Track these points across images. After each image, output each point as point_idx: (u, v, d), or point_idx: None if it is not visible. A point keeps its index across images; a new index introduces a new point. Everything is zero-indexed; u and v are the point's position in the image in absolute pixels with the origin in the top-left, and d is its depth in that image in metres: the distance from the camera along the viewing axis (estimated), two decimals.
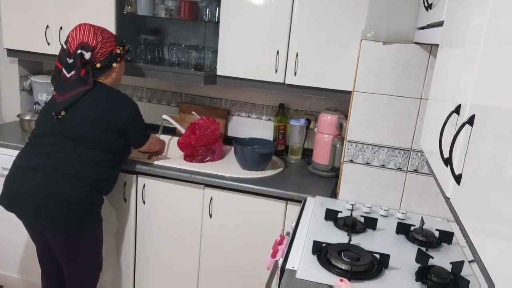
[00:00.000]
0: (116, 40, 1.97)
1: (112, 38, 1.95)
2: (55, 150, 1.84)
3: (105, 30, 1.95)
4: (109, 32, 1.97)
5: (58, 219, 1.83)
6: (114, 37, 1.98)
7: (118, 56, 1.95)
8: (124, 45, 2.00)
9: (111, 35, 1.98)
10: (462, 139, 0.81)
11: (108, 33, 1.96)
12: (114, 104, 1.91)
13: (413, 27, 1.80)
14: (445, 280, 1.34)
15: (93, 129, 1.85)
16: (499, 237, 0.60)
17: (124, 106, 1.93)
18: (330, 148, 2.20)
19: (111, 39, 1.95)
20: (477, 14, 0.88)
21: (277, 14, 2.13)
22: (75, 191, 1.83)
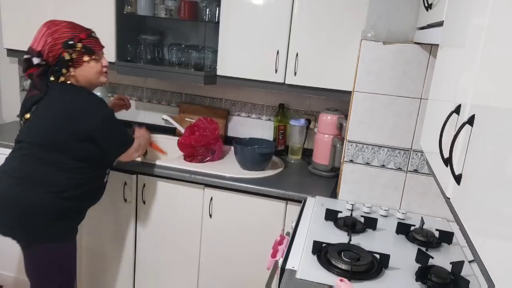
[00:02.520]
0: (64, 43, 1.65)
1: (61, 40, 1.65)
2: (23, 154, 1.71)
3: (59, 30, 1.66)
4: (64, 32, 1.66)
5: (18, 227, 1.67)
6: (65, 38, 1.66)
7: (69, 61, 1.67)
8: (73, 47, 1.66)
9: (64, 35, 1.66)
10: (462, 139, 0.81)
11: (62, 33, 1.66)
12: (81, 109, 1.68)
13: (413, 27, 1.80)
14: (445, 280, 1.34)
15: (58, 134, 1.67)
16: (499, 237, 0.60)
17: (92, 112, 1.69)
18: (330, 148, 2.20)
19: (60, 41, 1.65)
20: (477, 14, 0.87)
21: (277, 14, 2.13)
22: (38, 197, 1.65)
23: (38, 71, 1.66)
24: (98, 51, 1.74)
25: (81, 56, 1.68)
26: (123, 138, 1.81)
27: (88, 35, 1.70)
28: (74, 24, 1.70)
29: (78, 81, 1.72)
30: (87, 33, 1.71)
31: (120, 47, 2.42)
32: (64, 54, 1.65)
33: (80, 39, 1.67)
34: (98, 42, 1.75)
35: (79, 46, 1.66)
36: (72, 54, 1.66)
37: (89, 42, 1.70)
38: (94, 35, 1.74)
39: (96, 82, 1.78)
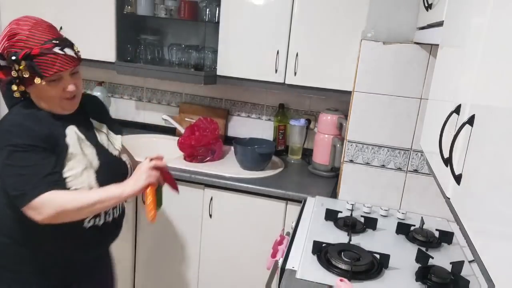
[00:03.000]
0: (9, 56, 1.23)
1: (11, 49, 1.24)
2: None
3: (18, 35, 1.25)
4: (19, 40, 1.24)
5: None
6: (14, 50, 1.23)
7: (16, 78, 1.25)
8: (17, 64, 1.22)
9: (15, 45, 1.24)
10: (462, 139, 0.81)
11: (16, 41, 1.24)
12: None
13: (413, 27, 1.80)
14: (445, 280, 1.34)
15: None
16: (499, 237, 0.60)
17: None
18: (330, 148, 2.20)
19: (9, 51, 1.24)
20: (477, 14, 0.87)
21: (277, 14, 2.13)
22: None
23: (6, 78, 1.28)
24: (49, 75, 1.23)
25: (31, 76, 1.22)
26: (13, 185, 1.21)
27: (44, 51, 1.21)
28: (39, 30, 1.26)
29: (37, 102, 1.31)
30: (46, 47, 1.22)
31: (120, 47, 2.42)
32: (13, 69, 1.24)
33: (27, 55, 1.20)
34: (57, 61, 1.23)
35: (22, 65, 1.21)
36: (18, 71, 1.23)
37: (41, 61, 1.21)
38: (57, 50, 1.24)
39: (55, 108, 1.31)
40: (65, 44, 1.27)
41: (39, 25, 1.28)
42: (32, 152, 1.22)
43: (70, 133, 1.32)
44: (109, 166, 1.39)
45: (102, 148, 1.41)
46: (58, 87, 1.27)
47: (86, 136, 1.37)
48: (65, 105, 1.32)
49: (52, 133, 1.28)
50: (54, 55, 1.23)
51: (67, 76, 1.29)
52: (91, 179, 1.32)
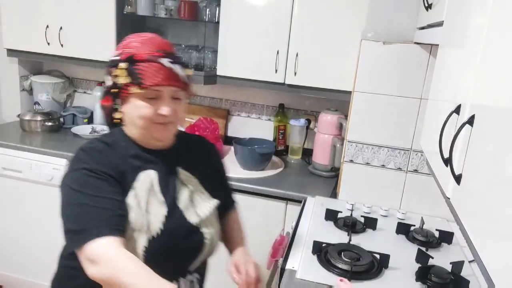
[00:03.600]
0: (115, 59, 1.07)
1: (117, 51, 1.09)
2: None
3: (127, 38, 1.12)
4: (127, 43, 1.10)
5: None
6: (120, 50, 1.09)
7: (113, 87, 1.07)
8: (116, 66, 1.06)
9: (120, 47, 1.11)
10: (462, 139, 0.81)
11: (124, 44, 1.10)
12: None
13: (413, 27, 1.80)
14: (445, 280, 1.34)
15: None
16: (499, 237, 0.60)
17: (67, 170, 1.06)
18: (330, 148, 2.20)
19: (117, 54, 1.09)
20: (477, 14, 0.87)
21: (277, 14, 2.13)
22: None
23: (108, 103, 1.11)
24: (148, 85, 1.02)
25: (127, 85, 1.03)
26: (75, 217, 0.99)
27: (150, 57, 1.03)
28: (154, 42, 1.09)
29: (128, 126, 1.11)
30: (154, 54, 1.04)
31: None
32: (109, 74, 1.08)
33: (130, 58, 1.03)
34: (161, 73, 1.03)
35: (122, 67, 1.04)
36: (115, 77, 1.05)
37: (144, 68, 1.02)
38: (164, 62, 1.04)
39: (145, 134, 1.08)
40: (177, 61, 1.08)
41: (158, 38, 1.11)
42: (107, 182, 1.01)
43: (143, 179, 1.06)
44: (173, 238, 1.07)
45: (176, 209, 1.09)
46: (153, 106, 1.04)
47: (162, 188, 1.08)
48: (156, 131, 1.07)
49: (127, 171, 1.06)
50: (159, 65, 1.03)
51: (167, 97, 1.05)
52: (138, 248, 1.01)
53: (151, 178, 1.08)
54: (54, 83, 2.79)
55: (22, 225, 2.41)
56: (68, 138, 2.56)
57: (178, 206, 1.10)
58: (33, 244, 2.41)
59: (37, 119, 2.59)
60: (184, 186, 1.13)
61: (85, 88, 2.93)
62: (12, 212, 2.42)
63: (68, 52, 2.47)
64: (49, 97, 2.80)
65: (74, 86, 2.95)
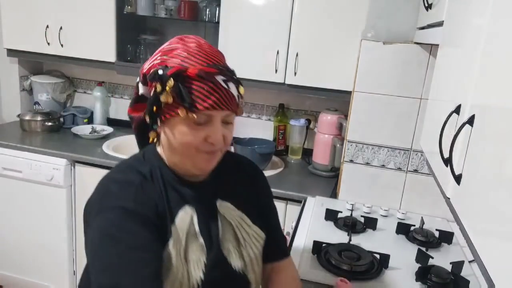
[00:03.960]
0: (154, 70, 0.87)
1: (159, 64, 0.89)
2: None
3: (175, 49, 0.90)
4: (174, 55, 0.89)
5: None
6: (163, 64, 0.88)
7: (155, 104, 0.87)
8: (161, 82, 0.85)
9: (166, 60, 0.89)
10: (462, 139, 0.81)
11: (171, 55, 0.89)
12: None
13: (413, 27, 1.80)
14: (445, 280, 1.34)
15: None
16: (499, 237, 0.60)
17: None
18: (330, 148, 2.20)
19: (156, 66, 0.88)
20: (477, 14, 0.87)
21: (277, 14, 2.13)
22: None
23: (141, 114, 0.93)
24: (202, 108, 0.85)
25: (172, 105, 0.85)
26: (106, 268, 0.79)
27: (203, 74, 0.85)
28: (205, 51, 0.90)
29: (163, 148, 0.94)
30: (208, 70, 0.86)
31: (120, 47, 2.42)
32: (147, 84, 0.91)
33: (179, 73, 0.84)
34: (215, 94, 0.86)
35: (168, 85, 0.84)
36: (159, 93, 0.85)
37: (196, 87, 0.84)
38: (219, 80, 0.88)
39: (185, 163, 0.92)
40: (231, 78, 0.92)
41: (207, 46, 0.93)
42: (147, 227, 0.83)
43: (182, 219, 0.90)
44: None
45: (219, 254, 0.93)
46: (201, 133, 0.87)
47: (201, 228, 0.91)
48: (201, 160, 0.90)
49: (165, 210, 0.88)
50: (213, 85, 0.86)
51: (218, 121, 0.88)
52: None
53: (190, 217, 0.91)
54: (54, 83, 2.79)
55: (22, 225, 2.41)
56: (68, 138, 2.56)
57: (220, 249, 0.93)
58: (33, 244, 2.41)
59: (37, 119, 2.59)
60: (226, 223, 0.96)
61: (85, 88, 2.93)
62: (12, 212, 2.42)
63: (68, 52, 2.47)
64: (49, 97, 2.80)
65: (74, 86, 2.95)
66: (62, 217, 2.34)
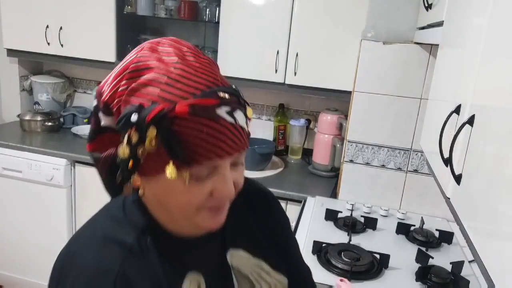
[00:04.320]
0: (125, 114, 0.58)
1: (131, 99, 0.60)
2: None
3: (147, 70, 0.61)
4: (150, 81, 0.60)
5: None
6: (138, 100, 0.59)
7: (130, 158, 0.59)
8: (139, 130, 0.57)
9: (143, 92, 0.60)
10: (462, 139, 0.81)
11: (145, 82, 0.60)
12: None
13: (413, 27, 1.80)
14: (445, 280, 1.34)
15: None
16: (499, 237, 0.60)
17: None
18: (330, 148, 2.20)
19: (125, 102, 0.61)
20: (477, 14, 0.87)
21: (277, 14, 2.13)
22: None
23: (109, 153, 0.68)
24: (202, 163, 0.59)
25: (158, 159, 0.59)
26: None
27: (199, 111, 0.57)
28: (190, 67, 0.62)
29: (149, 202, 0.69)
30: (206, 103, 0.58)
31: (120, 47, 2.42)
32: (123, 139, 0.60)
33: (163, 116, 0.56)
34: (221, 136, 0.59)
35: (151, 135, 0.57)
36: (136, 145, 0.58)
37: (190, 132, 0.57)
38: (223, 114, 0.60)
39: (181, 225, 0.69)
40: (236, 103, 0.63)
41: (192, 56, 0.63)
42: None
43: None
44: None
45: None
46: (204, 187, 0.61)
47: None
48: (204, 220, 0.65)
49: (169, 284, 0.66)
50: (215, 122, 0.58)
51: (227, 168, 0.62)
52: None
53: (197, 285, 0.70)
54: (54, 83, 2.79)
55: (22, 225, 2.41)
56: (68, 138, 2.56)
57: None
58: (33, 244, 2.41)
59: (37, 119, 2.59)
60: (242, 278, 0.75)
61: (85, 88, 2.93)
62: (12, 212, 2.42)
63: (68, 52, 2.47)
64: (49, 97, 2.80)
65: (74, 86, 2.95)
66: (62, 217, 2.34)
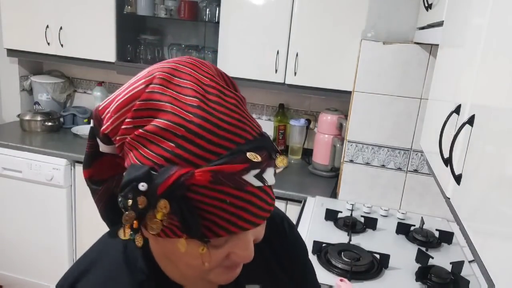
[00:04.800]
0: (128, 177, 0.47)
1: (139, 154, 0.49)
2: None
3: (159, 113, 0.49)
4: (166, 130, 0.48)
5: None
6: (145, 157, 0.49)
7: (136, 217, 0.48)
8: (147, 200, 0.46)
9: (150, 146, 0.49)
10: (462, 139, 0.81)
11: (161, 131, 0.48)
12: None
13: (413, 27, 1.80)
14: (445, 280, 1.34)
15: None
16: (499, 237, 0.60)
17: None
18: (330, 148, 2.20)
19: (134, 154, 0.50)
20: (477, 14, 0.87)
21: (277, 14, 2.13)
22: None
23: (110, 185, 0.63)
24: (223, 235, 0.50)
25: (174, 229, 0.49)
26: None
27: (222, 178, 0.47)
28: (215, 113, 0.49)
29: (155, 252, 0.62)
30: (229, 171, 0.47)
31: (120, 47, 2.42)
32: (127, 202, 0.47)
33: (180, 184, 0.46)
34: (247, 206, 0.49)
35: (162, 208, 0.46)
36: (145, 210, 0.47)
37: (207, 200, 0.47)
38: (251, 180, 0.49)
39: (193, 280, 0.62)
40: (266, 160, 0.53)
41: (215, 96, 0.51)
42: None
43: None
44: None
45: None
46: (220, 252, 0.54)
47: None
48: (217, 277, 0.58)
49: None
50: (242, 192, 0.49)
51: (249, 235, 0.55)
52: None
53: None
54: (54, 83, 2.79)
55: (22, 225, 2.41)
56: (68, 138, 2.56)
57: None
58: (33, 244, 2.41)
59: (37, 119, 2.59)
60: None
61: (85, 88, 2.93)
62: (12, 212, 2.42)
63: (68, 52, 2.47)
64: (49, 97, 2.80)
65: (74, 86, 2.95)
66: (62, 217, 2.34)
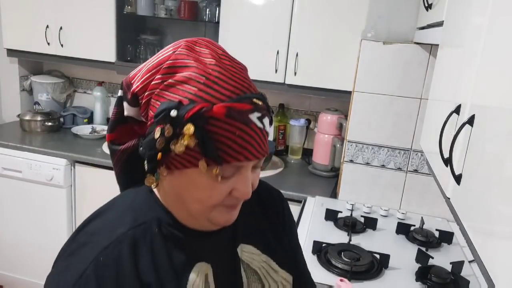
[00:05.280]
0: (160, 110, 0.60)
1: (165, 95, 0.62)
2: None
3: (185, 68, 0.63)
4: (186, 79, 0.62)
5: None
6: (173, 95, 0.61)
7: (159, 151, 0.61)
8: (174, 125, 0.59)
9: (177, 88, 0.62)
10: (462, 139, 0.81)
11: (181, 80, 0.62)
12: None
13: (413, 27, 1.80)
14: (445, 280, 1.34)
15: None
16: (499, 237, 0.60)
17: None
18: (330, 148, 2.20)
19: (160, 96, 0.62)
20: (477, 14, 0.87)
21: (277, 14, 2.13)
22: None
23: (129, 145, 0.70)
24: (232, 161, 0.61)
25: (189, 155, 0.61)
26: None
27: (234, 114, 0.61)
28: (228, 71, 0.67)
29: (165, 194, 0.70)
30: (241, 108, 0.62)
31: (120, 47, 2.42)
32: (155, 131, 0.60)
33: (201, 114, 0.59)
34: (251, 140, 0.62)
35: (188, 132, 0.58)
36: (169, 139, 0.60)
37: (222, 130, 0.60)
38: (254, 119, 0.64)
39: (195, 218, 0.69)
40: (265, 110, 0.67)
41: (228, 60, 0.70)
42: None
43: (194, 281, 0.69)
44: None
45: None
46: (225, 186, 0.64)
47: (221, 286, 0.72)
48: (218, 215, 0.67)
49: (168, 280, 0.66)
50: (247, 126, 0.61)
51: (249, 170, 0.65)
52: None
53: (204, 275, 0.70)
54: (54, 83, 2.79)
55: (22, 225, 2.41)
56: (68, 138, 2.56)
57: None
58: (33, 244, 2.41)
59: (37, 119, 2.59)
60: (251, 272, 0.76)
61: (85, 88, 2.93)
62: (12, 212, 2.42)
63: (68, 52, 2.47)
64: (49, 97, 2.80)
65: (74, 86, 2.95)
66: (62, 217, 2.34)
